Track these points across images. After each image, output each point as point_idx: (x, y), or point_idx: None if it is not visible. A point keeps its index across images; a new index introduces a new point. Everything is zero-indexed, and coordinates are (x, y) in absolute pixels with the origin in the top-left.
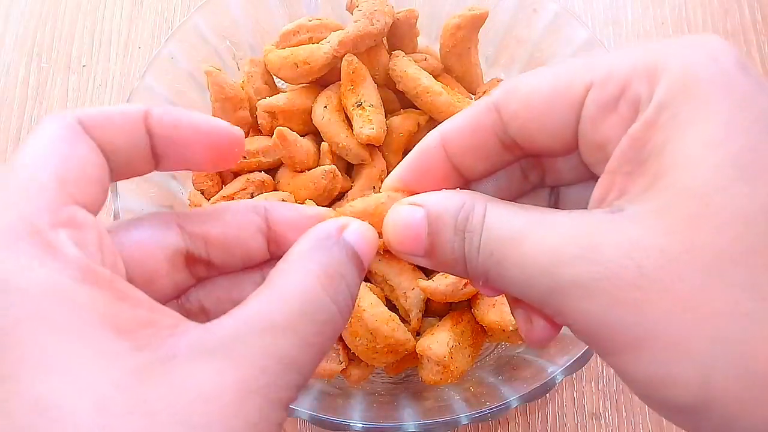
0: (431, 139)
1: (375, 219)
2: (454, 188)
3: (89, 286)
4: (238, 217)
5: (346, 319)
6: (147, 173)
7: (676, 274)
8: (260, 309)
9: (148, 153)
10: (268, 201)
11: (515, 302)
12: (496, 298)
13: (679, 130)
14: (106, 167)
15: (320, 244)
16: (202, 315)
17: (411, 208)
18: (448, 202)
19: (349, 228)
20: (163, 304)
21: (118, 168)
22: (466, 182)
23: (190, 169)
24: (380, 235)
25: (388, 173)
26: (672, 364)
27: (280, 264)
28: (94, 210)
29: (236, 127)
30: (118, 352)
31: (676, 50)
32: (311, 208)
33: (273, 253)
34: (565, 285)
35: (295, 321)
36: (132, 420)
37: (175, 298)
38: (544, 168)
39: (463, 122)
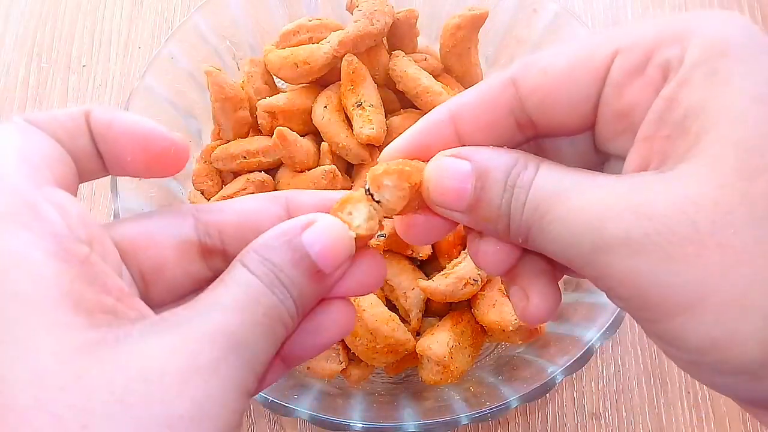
0: (440, 112)
1: (407, 178)
2: None
3: (59, 262)
4: (255, 208)
5: (294, 316)
6: (102, 176)
7: (732, 227)
8: (209, 295)
9: (93, 152)
10: (290, 190)
11: (511, 279)
12: (495, 298)
13: (719, 87)
14: (64, 152)
15: (273, 242)
16: None
17: (457, 160)
18: (500, 158)
19: (311, 227)
20: (182, 296)
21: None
22: None
23: (128, 175)
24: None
25: None
26: (736, 321)
27: (236, 258)
28: (71, 192)
29: (176, 134)
30: (69, 327)
31: (702, 18)
32: (331, 193)
33: None
34: (612, 241)
35: (240, 301)
36: (65, 395)
37: (193, 291)
38: (546, 154)
39: (477, 96)
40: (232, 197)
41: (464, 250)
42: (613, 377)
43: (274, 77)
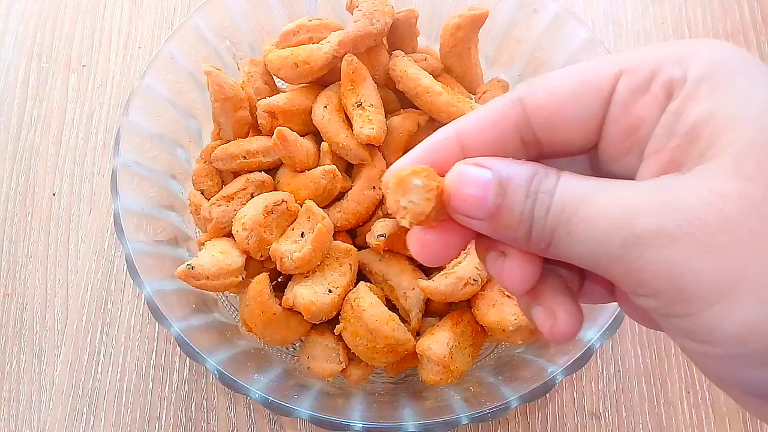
0: (446, 131)
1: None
2: None
3: None
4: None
5: None
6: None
7: (760, 217)
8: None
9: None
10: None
11: (533, 298)
12: (495, 298)
13: (725, 97)
14: None
15: None
16: None
17: (477, 168)
18: (520, 166)
19: None
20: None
21: None
22: None
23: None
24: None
25: None
26: None
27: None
28: None
29: None
30: None
31: (698, 44)
32: None
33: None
34: (644, 235)
35: None
36: None
37: None
38: None
39: (484, 115)
40: (232, 197)
41: (464, 250)
42: (613, 377)
43: (274, 77)
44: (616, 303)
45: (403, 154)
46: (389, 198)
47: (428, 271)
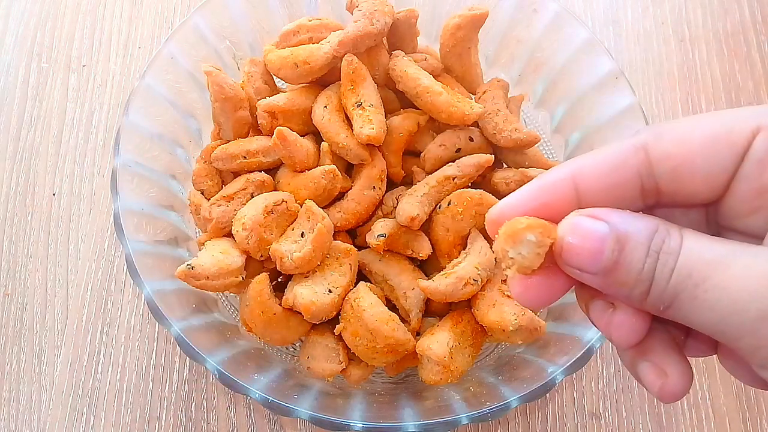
0: (561, 171)
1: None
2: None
3: None
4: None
5: None
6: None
7: None
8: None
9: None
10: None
11: (641, 353)
12: (496, 298)
13: None
14: None
15: None
16: None
17: (593, 221)
18: (640, 222)
19: None
20: None
21: None
22: None
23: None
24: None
25: (388, 173)
26: None
27: None
28: None
29: None
30: None
31: None
32: None
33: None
34: None
35: None
36: None
37: None
38: None
39: (605, 158)
40: (232, 197)
41: (464, 250)
42: (613, 377)
43: (274, 77)
44: None
45: (403, 154)
46: (497, 244)
47: (428, 271)
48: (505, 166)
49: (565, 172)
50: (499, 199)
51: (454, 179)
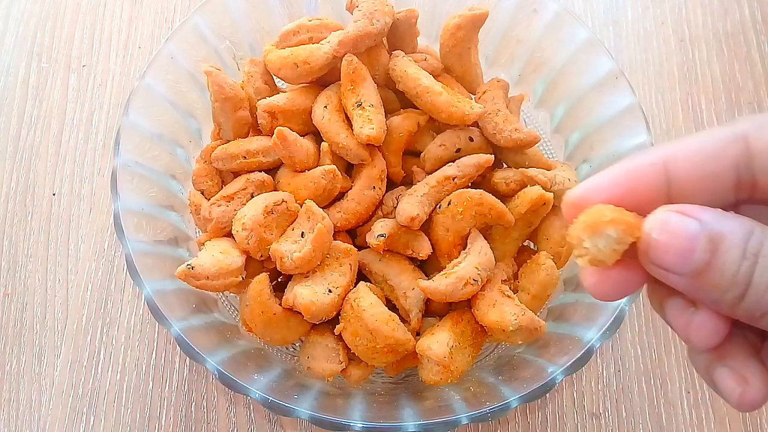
0: (652, 156)
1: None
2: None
3: None
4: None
5: None
6: None
7: None
8: None
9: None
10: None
11: (718, 357)
12: (495, 298)
13: None
14: None
15: None
16: None
17: (684, 218)
18: (733, 222)
19: None
20: None
21: None
22: None
23: None
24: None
25: (388, 173)
26: None
27: None
28: None
29: None
30: None
31: None
32: None
33: None
34: None
35: None
36: None
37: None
38: None
39: (701, 146)
40: (232, 197)
41: (464, 250)
42: (613, 377)
43: (274, 77)
44: (616, 302)
45: (403, 154)
46: (573, 229)
47: (428, 271)
48: (505, 166)
49: (657, 156)
50: (499, 200)
51: (454, 179)
